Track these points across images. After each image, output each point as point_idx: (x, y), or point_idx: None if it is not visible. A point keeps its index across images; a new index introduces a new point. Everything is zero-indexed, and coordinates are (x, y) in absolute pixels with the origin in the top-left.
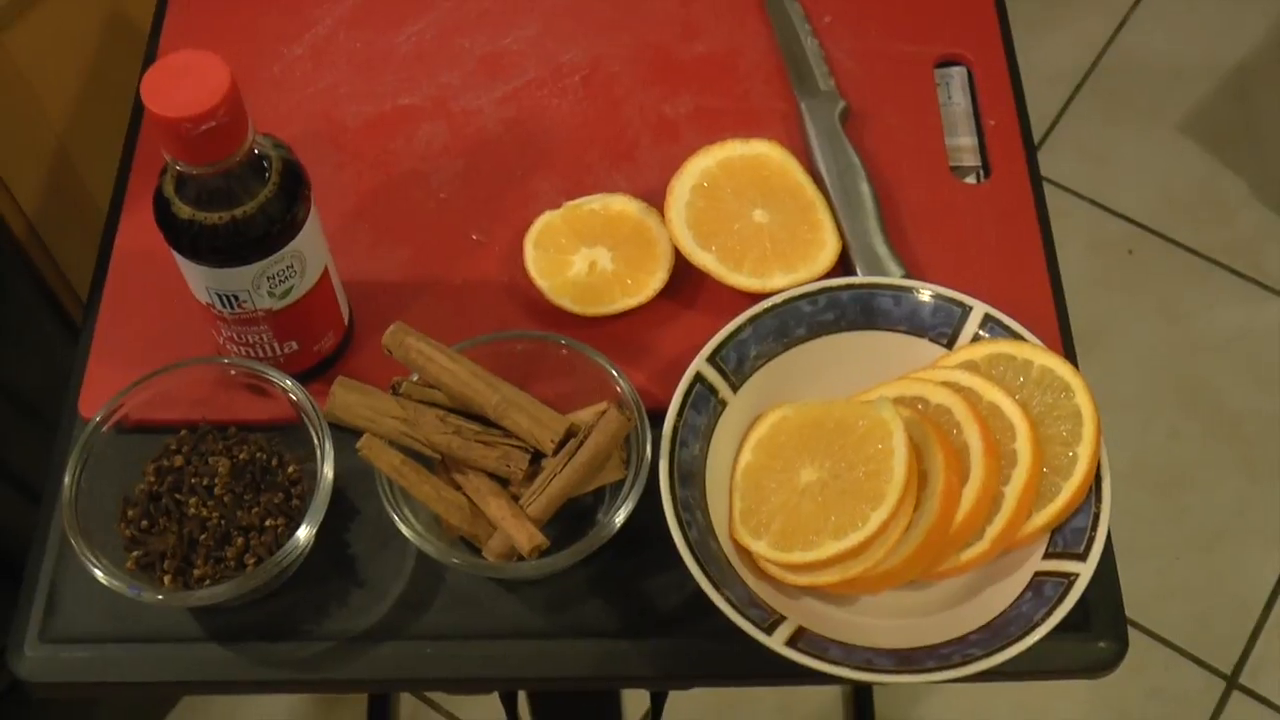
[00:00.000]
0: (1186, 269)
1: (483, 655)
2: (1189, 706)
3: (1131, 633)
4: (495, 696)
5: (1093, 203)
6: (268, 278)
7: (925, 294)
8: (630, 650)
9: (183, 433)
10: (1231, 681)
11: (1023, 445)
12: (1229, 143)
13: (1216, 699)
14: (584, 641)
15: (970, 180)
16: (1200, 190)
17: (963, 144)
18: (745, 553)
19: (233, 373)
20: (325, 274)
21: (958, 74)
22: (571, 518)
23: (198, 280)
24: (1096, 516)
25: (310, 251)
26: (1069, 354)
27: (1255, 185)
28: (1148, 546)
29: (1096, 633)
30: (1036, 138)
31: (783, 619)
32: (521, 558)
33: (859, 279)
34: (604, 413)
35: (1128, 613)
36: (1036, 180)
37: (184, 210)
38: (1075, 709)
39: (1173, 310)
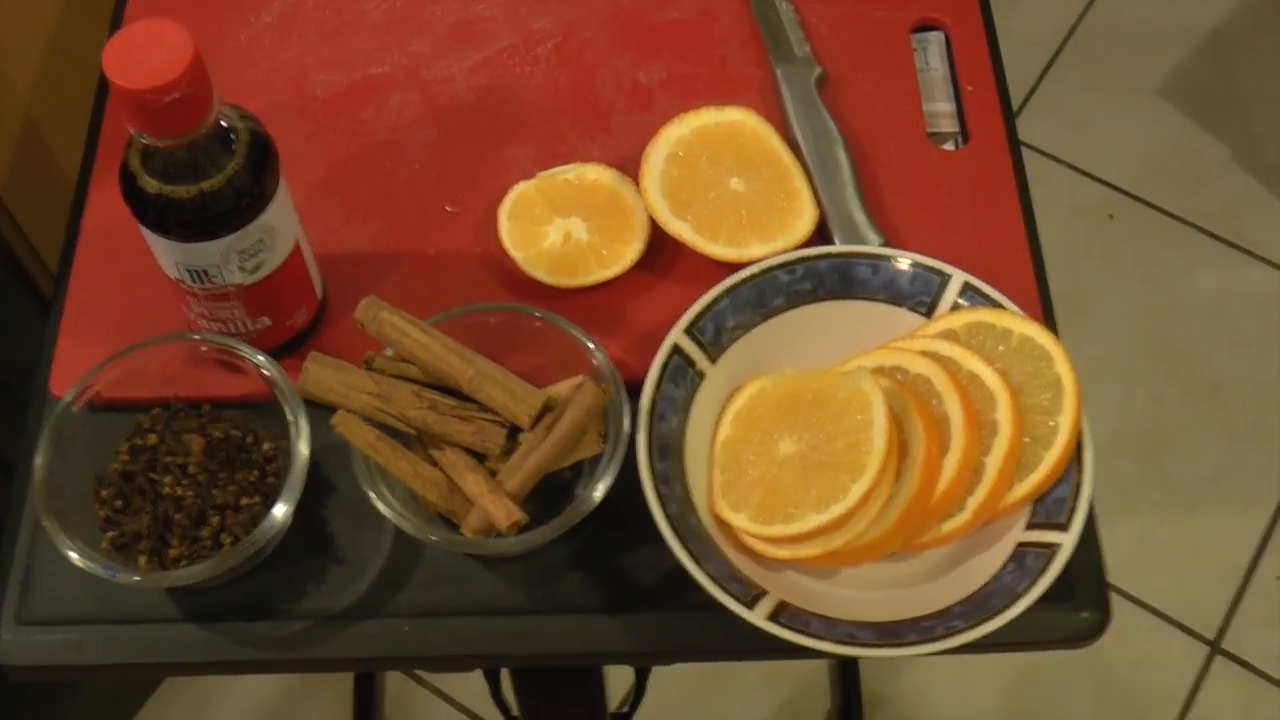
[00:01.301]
0: (1167, 234)
1: (462, 632)
2: (1172, 672)
3: (1114, 599)
4: (480, 673)
5: (1072, 168)
6: (237, 252)
7: (904, 262)
8: (611, 626)
9: (155, 410)
10: (1214, 647)
11: (1003, 415)
12: (1209, 107)
13: (1200, 664)
14: (564, 618)
15: (948, 146)
16: (1180, 155)
17: (940, 110)
18: (726, 526)
19: (204, 349)
20: (296, 248)
21: (935, 39)
22: (550, 492)
23: (166, 255)
24: (1078, 486)
25: (280, 225)
26: (1049, 321)
27: (1235, 149)
28: (1130, 512)
29: (1078, 603)
30: (1016, 103)
31: (764, 593)
32: (500, 534)
33: (836, 248)
34: (580, 386)
35: (1110, 579)
36: (1015, 146)
37: (150, 184)
38: (1059, 676)
39: (1153, 275)
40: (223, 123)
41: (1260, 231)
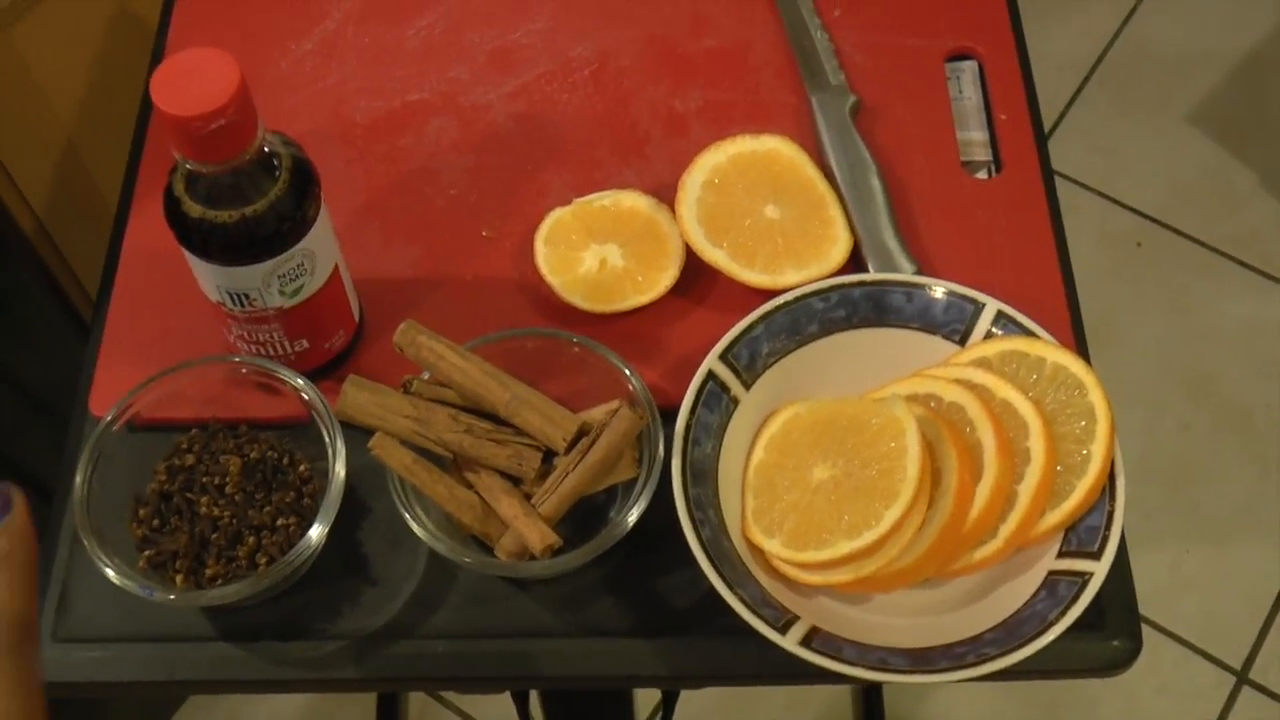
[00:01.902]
0: (1195, 261)
1: (495, 654)
2: (1199, 702)
3: (1142, 626)
4: (507, 694)
5: (1101, 195)
6: (278, 276)
7: (938, 291)
8: (643, 649)
9: (194, 431)
10: (1241, 677)
11: (1036, 443)
12: (1238, 134)
13: (1226, 694)
14: (596, 640)
15: (981, 175)
16: (1209, 182)
17: (974, 138)
18: (758, 551)
19: (244, 371)
20: (335, 271)
21: (969, 68)
22: (583, 516)
23: (208, 279)
24: (1110, 515)
25: (320, 249)
26: (1081, 350)
27: (1264, 176)
28: (1157, 541)
29: (1110, 632)
30: (1045, 128)
31: (796, 618)
32: (534, 557)
33: (871, 276)
34: (616, 411)
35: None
36: (1048, 175)
37: (194, 209)
38: (1084, 703)
39: (1181, 303)
40: (266, 148)
41: None
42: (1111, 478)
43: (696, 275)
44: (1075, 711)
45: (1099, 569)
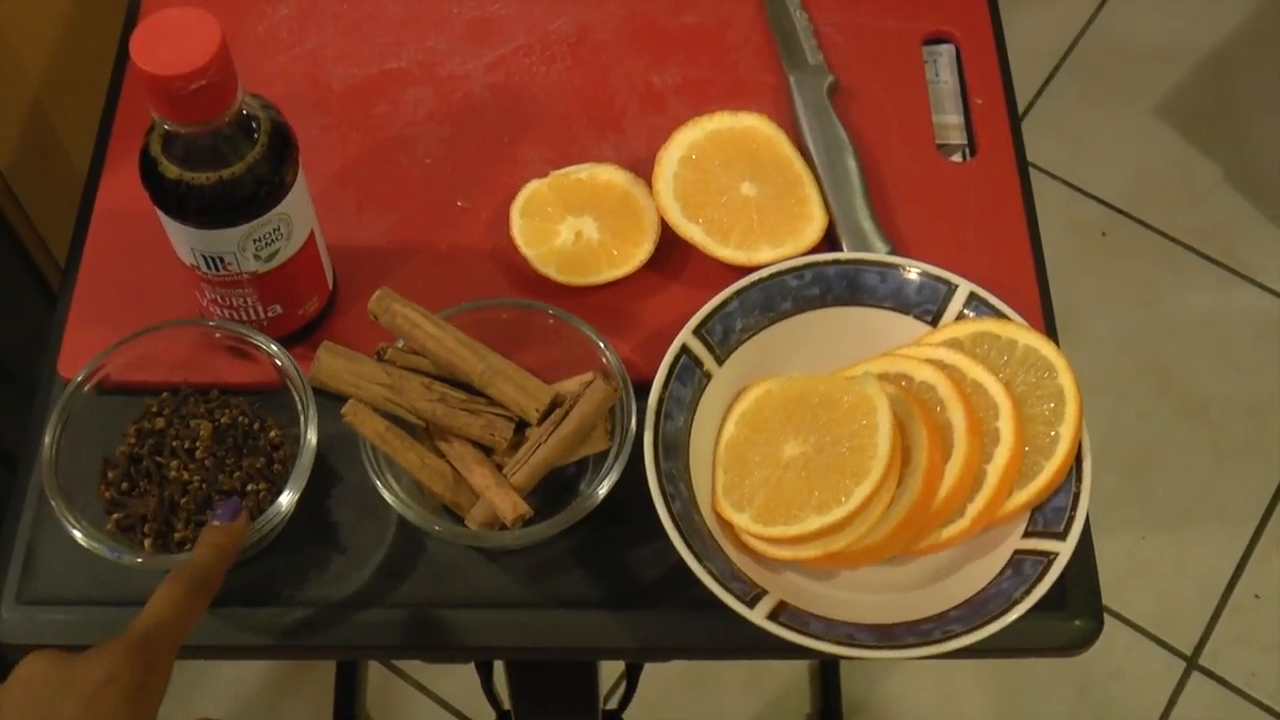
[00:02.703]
0: (1159, 253)
1: (463, 624)
2: (1150, 686)
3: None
4: (469, 667)
5: (1067, 184)
6: (254, 240)
7: (912, 271)
8: (611, 621)
9: (164, 395)
10: (1192, 663)
11: (1005, 424)
12: (1204, 127)
13: (1177, 680)
14: (565, 612)
15: (956, 158)
16: (1175, 174)
17: (949, 122)
18: (727, 526)
19: (216, 335)
20: (311, 237)
21: (946, 52)
22: (554, 488)
23: (183, 241)
24: (1077, 496)
25: (297, 214)
26: (1051, 333)
27: (1229, 170)
28: (1114, 527)
29: (1072, 611)
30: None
31: (764, 593)
32: (504, 527)
33: (845, 255)
34: (590, 383)
35: None
36: (1022, 160)
37: (171, 170)
38: (1037, 686)
39: (1144, 294)
40: (245, 111)
41: (1252, 253)
42: (1079, 459)
43: (671, 250)
44: (1029, 695)
45: (1064, 549)
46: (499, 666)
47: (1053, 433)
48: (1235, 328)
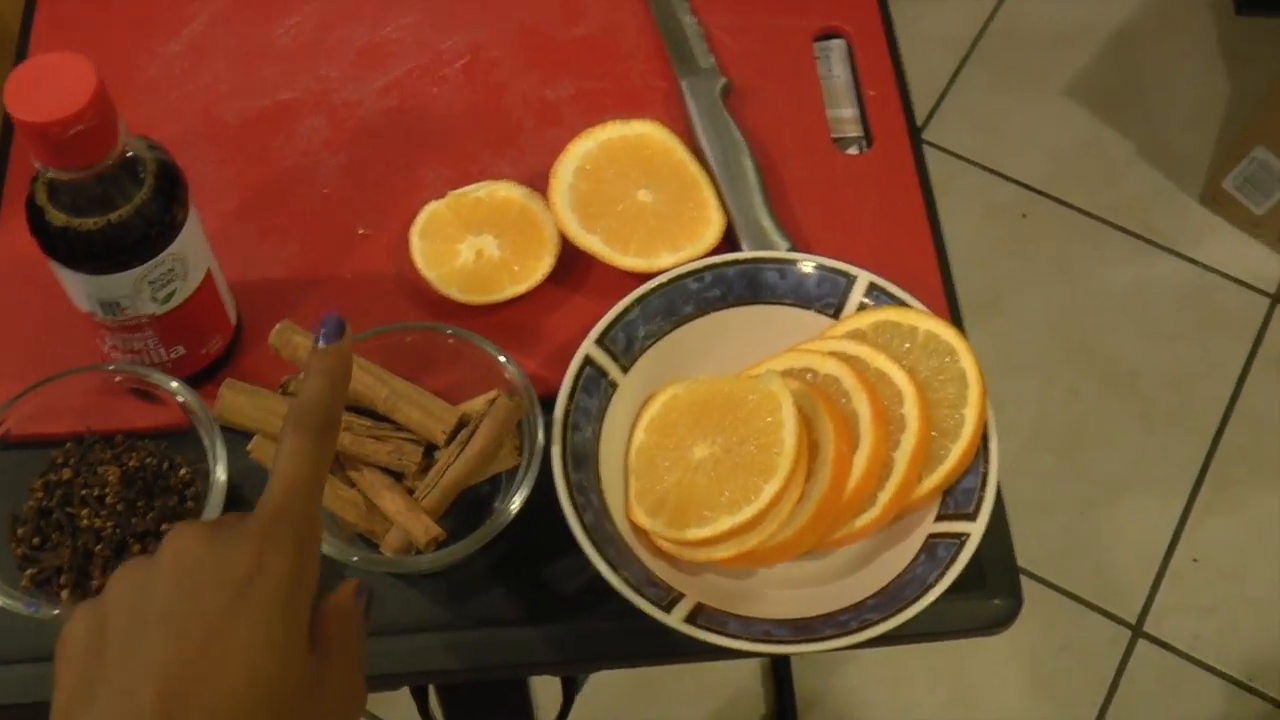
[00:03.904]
0: (1079, 230)
1: (387, 651)
2: (1097, 657)
3: (1040, 588)
4: (405, 692)
5: (985, 169)
6: (149, 282)
7: (809, 266)
8: (534, 636)
9: (68, 445)
10: (1137, 630)
11: (910, 410)
12: (1114, 105)
13: (1124, 648)
14: (488, 630)
15: (853, 151)
16: (1089, 152)
17: (844, 115)
18: (642, 533)
19: (117, 379)
20: (208, 275)
21: (837, 46)
22: (469, 507)
23: (77, 288)
24: (985, 476)
25: (191, 253)
26: (956, 318)
27: (1140, 145)
28: (1051, 503)
29: (991, 591)
30: (926, 107)
31: (681, 596)
32: (419, 551)
33: (743, 254)
34: (494, 401)
35: (1035, 569)
36: (918, 148)
37: (58, 217)
38: (988, 667)
39: (1067, 271)
40: (129, 153)
41: (1169, 224)
42: (985, 440)
43: (573, 262)
44: (980, 676)
45: (975, 529)
46: (433, 690)
47: (958, 415)
48: (1157, 298)
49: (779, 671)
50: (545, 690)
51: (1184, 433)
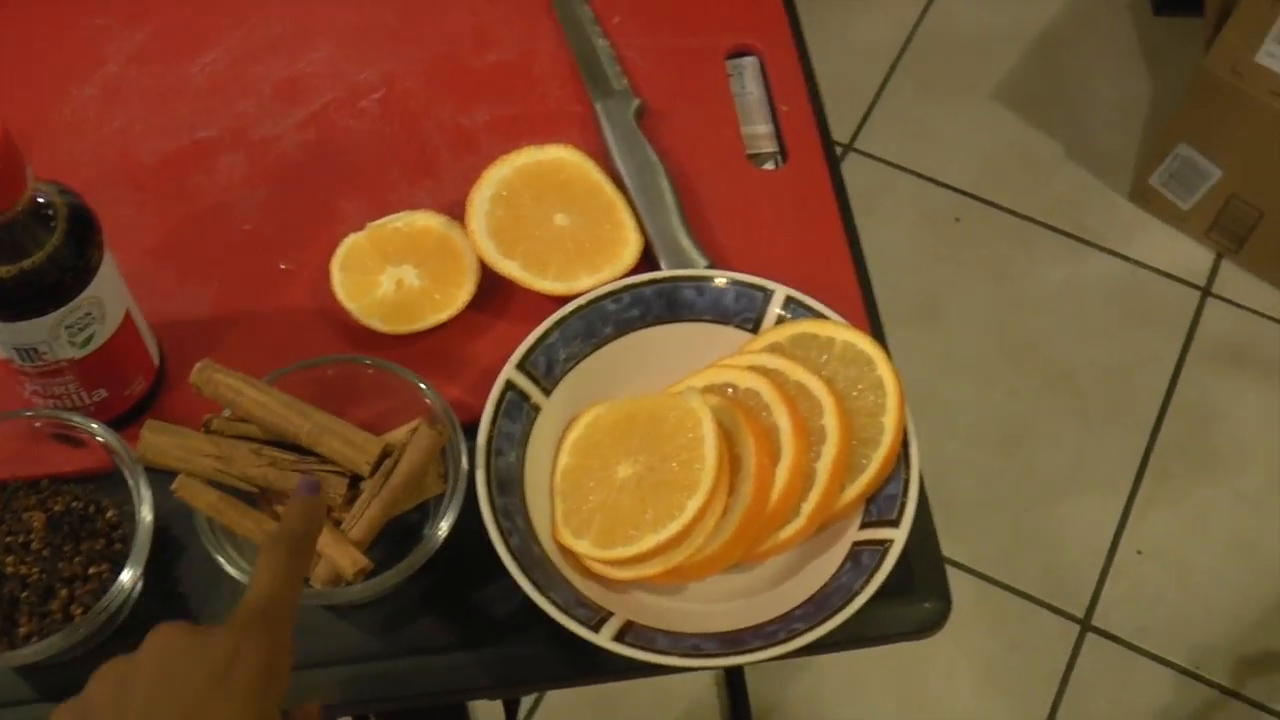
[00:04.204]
0: (1011, 232)
1: (322, 683)
2: (1047, 652)
3: (988, 588)
4: None
5: (917, 175)
6: (66, 327)
7: (726, 282)
8: (467, 662)
9: None
10: (1085, 624)
11: (830, 420)
12: (1040, 108)
13: (1073, 643)
14: (421, 658)
15: (769, 166)
16: (1017, 154)
17: (759, 131)
18: (570, 554)
19: (37, 425)
20: (128, 317)
21: (750, 64)
22: (400, 536)
23: None
24: (906, 483)
25: (108, 296)
26: (876, 327)
27: (1068, 146)
28: (996, 503)
29: (920, 595)
30: (857, 116)
31: (610, 615)
32: (349, 582)
33: (660, 273)
34: (416, 430)
35: (983, 570)
36: (833, 160)
37: None
38: (941, 668)
39: (1001, 273)
40: (40, 199)
41: (1098, 222)
42: (905, 446)
43: (494, 289)
44: (933, 679)
45: (899, 535)
46: (373, 718)
47: (877, 424)
48: (1090, 295)
49: (734, 682)
50: (489, 712)
51: (1123, 427)
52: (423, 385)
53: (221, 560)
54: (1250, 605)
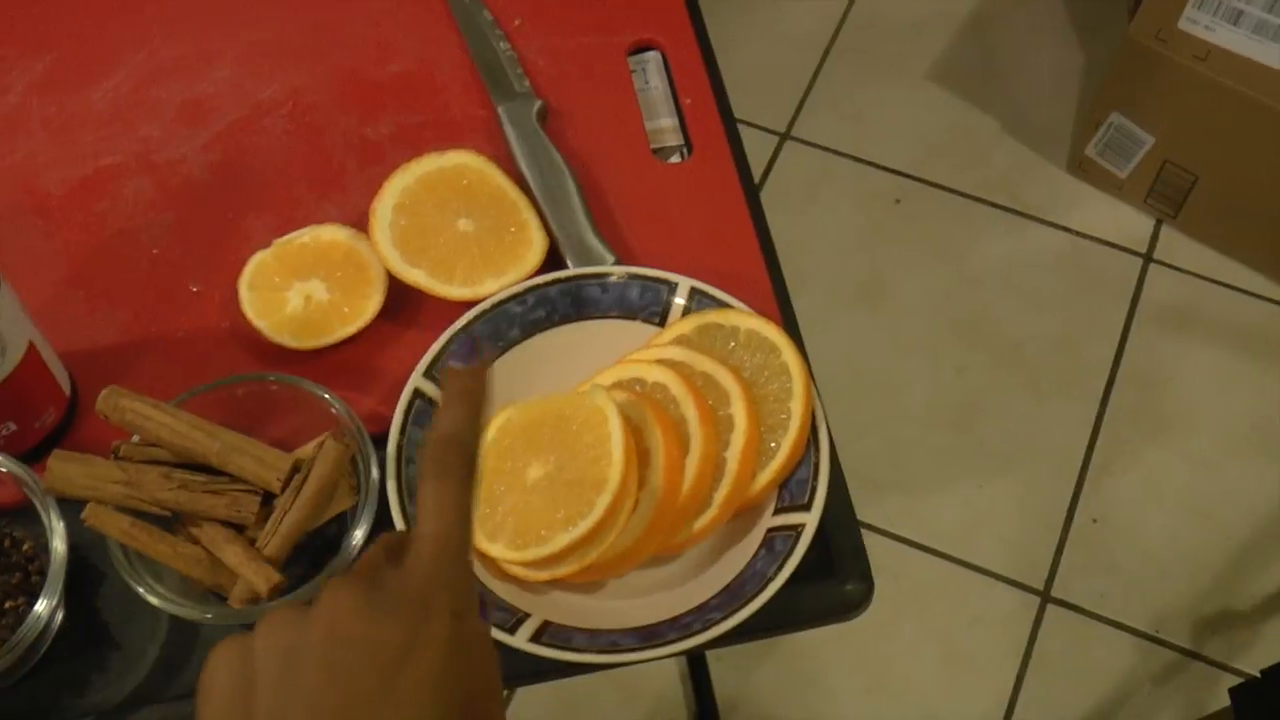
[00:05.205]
0: (952, 210)
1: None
2: (1010, 626)
3: (947, 565)
4: None
5: (856, 159)
6: None
7: (629, 277)
8: None
9: None
10: (1045, 596)
11: (738, 409)
12: (975, 85)
13: (1034, 615)
14: None
15: (675, 159)
16: (955, 133)
17: (664, 125)
18: (487, 558)
19: None
20: (31, 349)
21: (653, 58)
22: (320, 549)
23: None
24: (816, 466)
25: (8, 328)
26: (786, 313)
27: (1003, 122)
28: (951, 481)
29: (841, 576)
30: (794, 104)
31: (527, 616)
32: (266, 599)
33: (563, 273)
34: (323, 443)
35: (941, 548)
36: (738, 150)
37: None
38: (903, 647)
39: (944, 251)
40: None
41: (1038, 195)
42: (814, 430)
43: (403, 298)
44: (896, 661)
45: (810, 520)
46: None
47: (785, 410)
48: (1034, 268)
49: (697, 675)
50: None
51: (1073, 397)
52: (328, 397)
53: (137, 587)
54: (1206, 566)
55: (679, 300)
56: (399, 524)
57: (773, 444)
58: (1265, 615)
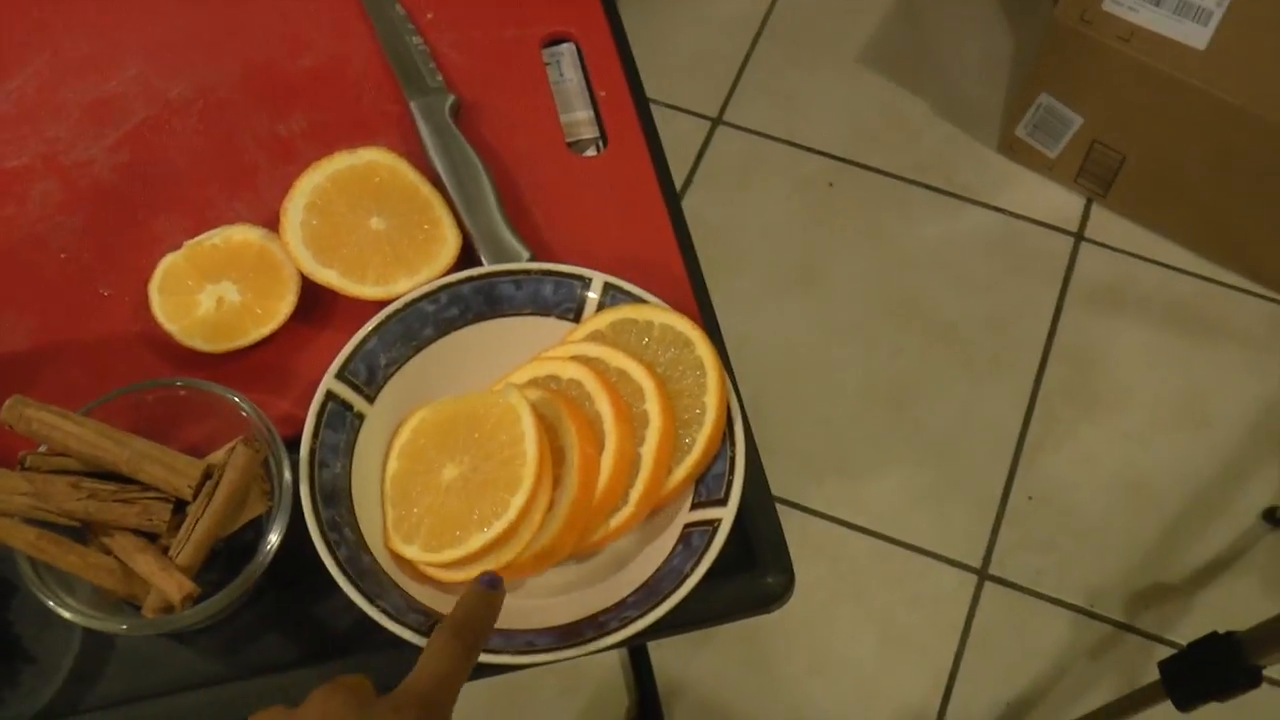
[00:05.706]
0: (885, 193)
1: (167, 713)
2: (948, 605)
3: (885, 546)
4: None
5: (788, 143)
6: None
7: (543, 273)
8: (313, 678)
9: None
10: (982, 574)
11: (652, 405)
12: (905, 67)
13: (971, 593)
14: (267, 679)
15: (591, 153)
16: (887, 116)
17: (579, 118)
18: (404, 560)
19: None
20: None
21: (567, 50)
22: (237, 556)
23: None
24: (732, 460)
25: None
26: (703, 306)
27: (935, 103)
28: (888, 462)
29: (763, 569)
30: (724, 88)
31: (443, 618)
32: (180, 609)
33: (476, 270)
34: (234, 449)
35: (879, 529)
36: (654, 142)
37: None
38: (843, 630)
39: (878, 233)
40: None
41: (970, 176)
42: (730, 424)
43: (316, 299)
44: (837, 642)
45: (727, 514)
46: None
47: (700, 404)
48: (967, 249)
49: (638, 664)
50: None
51: (1007, 376)
52: (238, 400)
53: (47, 600)
54: (1139, 541)
55: (593, 296)
56: (312, 528)
57: (688, 440)
58: (1195, 588)
